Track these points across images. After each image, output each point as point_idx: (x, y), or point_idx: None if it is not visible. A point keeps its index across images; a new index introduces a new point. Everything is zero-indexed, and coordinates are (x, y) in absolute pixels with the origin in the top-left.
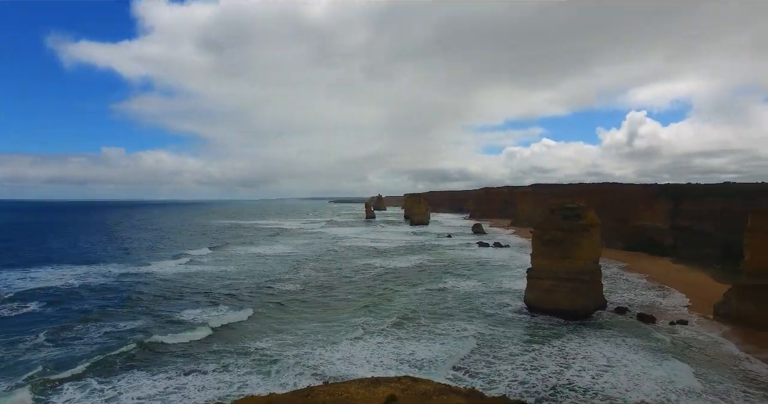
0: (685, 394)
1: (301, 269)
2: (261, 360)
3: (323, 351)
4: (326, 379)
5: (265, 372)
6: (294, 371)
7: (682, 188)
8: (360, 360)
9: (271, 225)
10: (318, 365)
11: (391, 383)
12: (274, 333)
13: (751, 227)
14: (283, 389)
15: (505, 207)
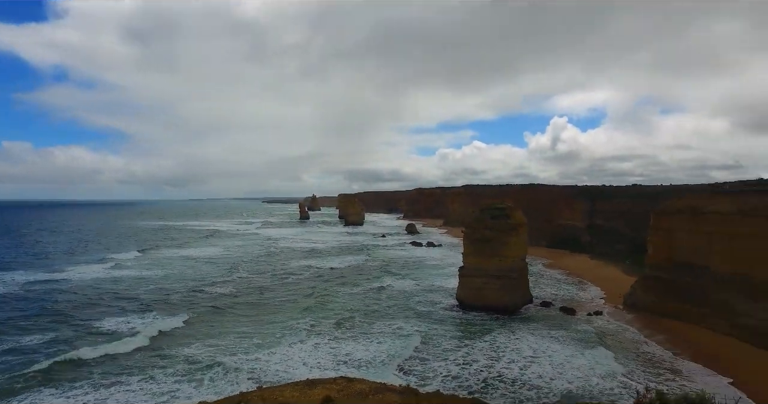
0: (602, 378)
1: (236, 272)
2: (193, 368)
3: (260, 356)
4: (261, 384)
5: (197, 379)
6: (229, 377)
7: (598, 189)
8: (297, 362)
9: (204, 227)
10: (254, 370)
11: (327, 384)
12: (208, 339)
13: (652, 226)
14: (217, 397)
15: (438, 207)
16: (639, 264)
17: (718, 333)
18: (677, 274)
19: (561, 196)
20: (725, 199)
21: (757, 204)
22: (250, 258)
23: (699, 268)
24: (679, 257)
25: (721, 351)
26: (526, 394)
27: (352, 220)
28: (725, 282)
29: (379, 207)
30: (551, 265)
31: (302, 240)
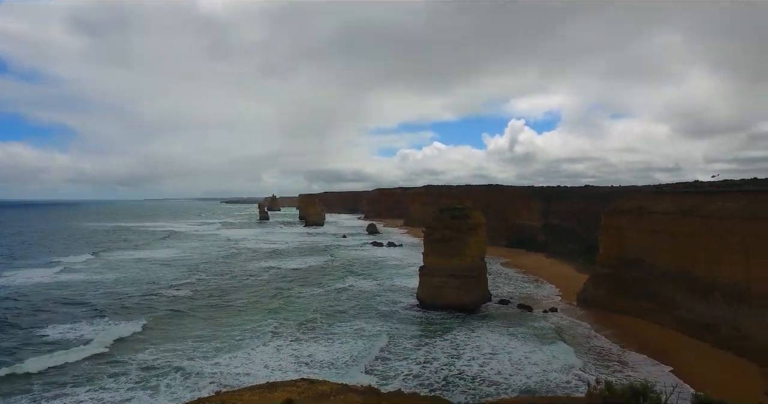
0: (559, 372)
1: (195, 274)
2: (148, 375)
3: (220, 359)
4: (220, 389)
5: (153, 386)
6: (188, 383)
7: (553, 190)
8: (259, 365)
9: (161, 228)
10: (215, 374)
11: (288, 387)
12: (166, 344)
13: (603, 225)
14: (175, 403)
15: (399, 207)
16: (591, 262)
17: (662, 326)
18: (626, 271)
19: (518, 196)
20: (667, 199)
21: (693, 205)
22: (209, 259)
23: (646, 265)
24: (628, 255)
25: (663, 342)
26: (486, 390)
27: (312, 221)
28: (668, 278)
29: (340, 208)
30: (509, 264)
31: (263, 241)
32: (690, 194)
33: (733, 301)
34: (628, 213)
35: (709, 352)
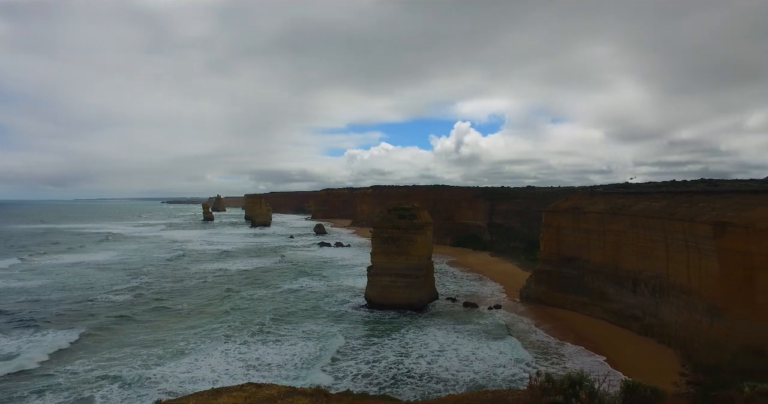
0: (504, 367)
1: (136, 278)
2: (81, 388)
3: (163, 367)
4: (160, 399)
5: (86, 399)
6: (127, 393)
7: (497, 191)
8: (205, 371)
9: (97, 230)
10: (157, 382)
11: (233, 392)
12: (101, 354)
13: (543, 223)
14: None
15: (346, 207)
16: (533, 259)
17: (595, 318)
18: (564, 267)
19: (464, 196)
20: (600, 200)
21: (622, 205)
22: (153, 262)
23: (581, 261)
24: (566, 252)
25: (596, 333)
26: (434, 387)
27: (259, 221)
28: (600, 273)
29: (287, 208)
30: (455, 263)
31: (208, 242)
32: (620, 195)
33: (656, 292)
34: (565, 213)
35: (635, 340)
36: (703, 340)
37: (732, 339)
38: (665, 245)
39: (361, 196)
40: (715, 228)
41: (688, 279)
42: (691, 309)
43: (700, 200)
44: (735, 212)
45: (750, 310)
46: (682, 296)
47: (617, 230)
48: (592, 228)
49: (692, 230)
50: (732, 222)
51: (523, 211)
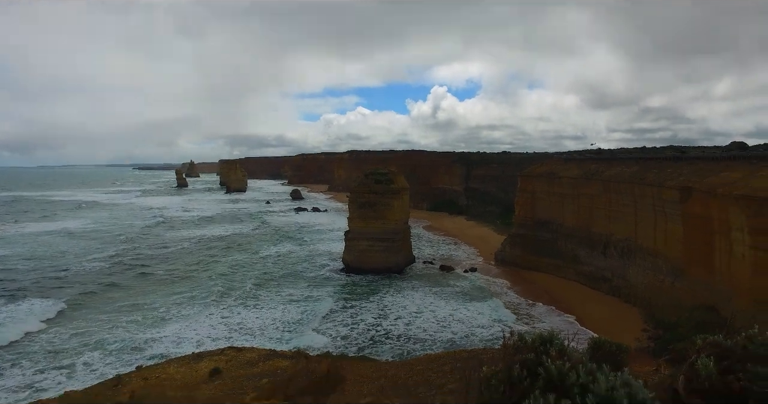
0: (481, 327)
1: (116, 246)
2: (61, 356)
3: (145, 335)
4: (142, 364)
5: (67, 366)
6: (109, 360)
7: (473, 156)
8: (189, 336)
9: (69, 198)
10: (142, 349)
11: (214, 356)
12: (81, 322)
13: (519, 188)
14: (94, 382)
15: (323, 173)
16: (508, 223)
17: (567, 280)
18: (538, 231)
19: (441, 161)
20: (574, 165)
21: (595, 170)
22: (131, 230)
23: (555, 225)
24: (540, 216)
25: (567, 294)
26: (412, 347)
27: (234, 187)
28: (572, 236)
29: (263, 174)
30: (432, 227)
31: (184, 209)
32: (593, 161)
33: (624, 254)
34: (540, 178)
35: (603, 300)
36: (665, 299)
37: (690, 297)
38: (635, 209)
39: (338, 161)
40: (681, 193)
41: (654, 242)
42: (656, 271)
43: (668, 166)
44: (699, 178)
45: (708, 271)
46: (649, 258)
47: (590, 195)
48: (566, 193)
49: (660, 195)
50: (696, 188)
51: (498, 176)
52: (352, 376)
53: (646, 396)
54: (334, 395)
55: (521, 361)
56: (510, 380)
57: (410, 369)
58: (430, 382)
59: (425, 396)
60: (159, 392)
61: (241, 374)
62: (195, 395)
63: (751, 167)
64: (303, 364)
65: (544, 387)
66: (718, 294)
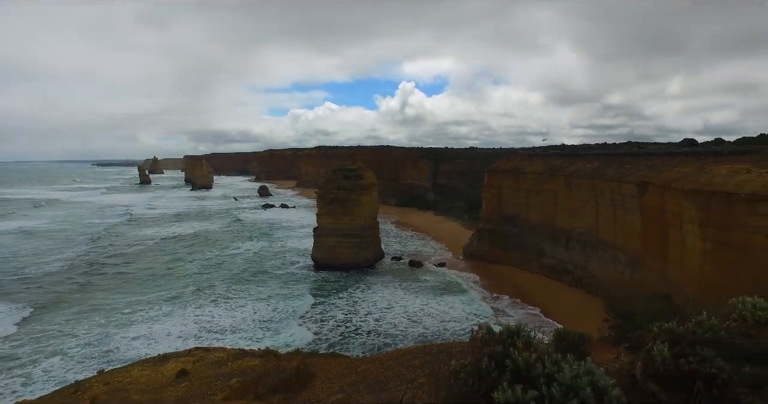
0: (452, 321)
1: (77, 246)
2: (16, 364)
3: (110, 338)
4: (103, 368)
5: (24, 375)
6: (70, 365)
7: (441, 151)
8: (159, 336)
9: (26, 196)
10: (109, 352)
11: (181, 357)
12: (38, 327)
13: (485, 184)
14: (53, 389)
15: (291, 168)
16: (475, 218)
17: (533, 273)
18: (504, 226)
19: (408, 157)
20: (538, 161)
21: (559, 166)
22: (98, 228)
23: (520, 220)
24: (506, 211)
25: (533, 287)
26: (383, 341)
27: (200, 184)
28: (537, 230)
29: (230, 170)
30: (400, 222)
31: (150, 206)
32: (557, 156)
33: (586, 247)
34: (506, 173)
35: (567, 291)
36: (624, 289)
37: (647, 287)
38: (595, 203)
39: (306, 156)
40: (639, 188)
41: (614, 235)
42: (615, 262)
43: (627, 162)
44: (655, 173)
45: (662, 262)
46: (609, 250)
47: (553, 190)
48: (530, 188)
49: (620, 189)
50: (652, 182)
51: (466, 172)
52: (322, 373)
53: (607, 383)
54: (305, 392)
55: (489, 354)
56: (479, 372)
57: (381, 365)
58: (401, 377)
59: (396, 391)
60: (123, 396)
61: (210, 374)
62: (161, 398)
63: (699, 162)
64: (273, 363)
65: (512, 379)
66: (672, 283)
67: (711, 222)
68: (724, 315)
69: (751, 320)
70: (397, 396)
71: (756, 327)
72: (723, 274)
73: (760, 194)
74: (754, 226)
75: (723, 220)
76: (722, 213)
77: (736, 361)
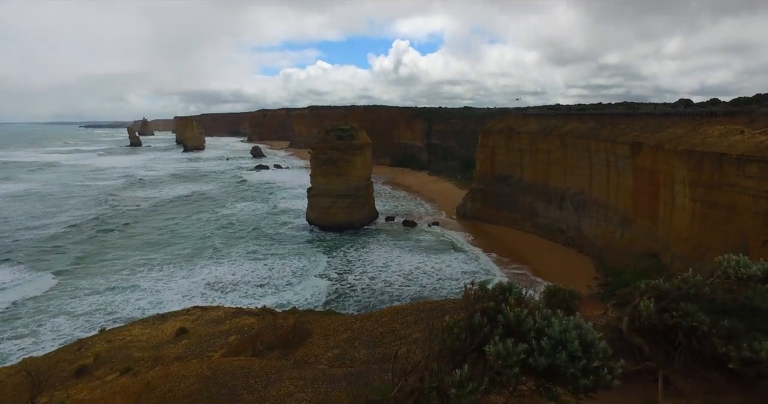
0: (447, 280)
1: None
2: (21, 323)
3: (115, 296)
4: (104, 326)
5: (31, 333)
6: (77, 324)
7: (434, 111)
8: (167, 294)
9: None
10: (113, 312)
11: (180, 316)
12: (47, 288)
13: (479, 143)
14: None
15: (283, 129)
16: (469, 178)
17: (525, 232)
18: (498, 186)
19: (402, 117)
20: (533, 121)
21: (553, 126)
22: (95, 192)
23: (513, 180)
24: (500, 171)
25: (525, 246)
26: (379, 299)
27: (192, 145)
28: (530, 190)
29: (221, 131)
30: (394, 183)
31: (138, 168)
32: (552, 116)
33: (579, 207)
34: (500, 133)
35: (559, 250)
36: (615, 248)
37: (636, 246)
38: (589, 164)
39: (298, 117)
40: (633, 148)
41: (606, 195)
42: (607, 222)
43: (621, 122)
44: (649, 133)
45: (652, 222)
46: (601, 210)
47: (547, 150)
48: (524, 148)
49: (613, 150)
50: (645, 143)
51: (459, 132)
52: (318, 330)
53: (594, 336)
54: (302, 348)
55: (482, 309)
56: (471, 327)
57: (376, 322)
58: (396, 333)
59: (390, 346)
60: (125, 354)
61: (208, 332)
62: (162, 355)
63: (693, 123)
64: (270, 321)
65: (503, 333)
66: (661, 242)
67: (701, 183)
68: (709, 272)
69: (734, 277)
70: (391, 351)
71: (738, 283)
72: (710, 233)
73: (750, 155)
74: (742, 186)
75: (713, 181)
76: (713, 173)
77: (716, 315)
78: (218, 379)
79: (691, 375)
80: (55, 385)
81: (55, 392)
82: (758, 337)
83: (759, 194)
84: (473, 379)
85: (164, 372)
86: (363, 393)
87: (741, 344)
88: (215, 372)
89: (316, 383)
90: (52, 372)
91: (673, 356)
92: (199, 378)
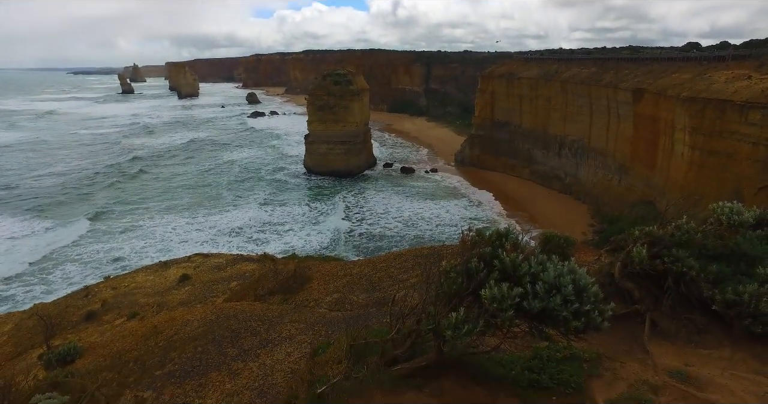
0: (445, 225)
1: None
2: (31, 270)
3: (120, 243)
4: (109, 274)
5: (41, 281)
6: (86, 271)
7: (433, 55)
8: (172, 243)
9: (19, 106)
10: (120, 258)
11: (182, 263)
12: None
13: (479, 89)
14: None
15: (279, 74)
16: (468, 124)
17: (523, 179)
18: (496, 132)
19: (400, 61)
20: (534, 66)
21: (555, 71)
22: (104, 140)
23: (512, 126)
24: (499, 117)
25: (523, 193)
26: (377, 244)
27: (186, 92)
28: (529, 136)
29: (215, 77)
30: (392, 129)
31: (130, 115)
32: (554, 61)
33: (577, 154)
34: (500, 78)
35: (556, 198)
36: (611, 195)
37: (632, 193)
38: (590, 110)
39: (294, 61)
40: (634, 95)
41: (605, 143)
42: (605, 169)
43: (624, 67)
44: (652, 79)
45: (650, 169)
46: (599, 158)
47: (548, 96)
48: (524, 94)
49: (615, 96)
50: (648, 89)
51: (459, 77)
52: (318, 276)
53: (587, 281)
54: (302, 293)
55: (479, 255)
56: (468, 272)
57: (374, 267)
58: (394, 278)
59: (389, 290)
60: (130, 300)
61: (210, 278)
62: (166, 300)
63: (700, 68)
64: (270, 266)
65: (499, 278)
66: (657, 190)
67: (702, 131)
68: (703, 219)
69: (726, 224)
70: (389, 295)
71: (729, 230)
72: (706, 181)
73: (755, 102)
74: (742, 134)
75: (714, 128)
76: (714, 121)
77: (706, 260)
78: (222, 323)
79: (677, 317)
80: (67, 329)
81: (68, 335)
82: (743, 281)
83: (759, 142)
84: (469, 322)
85: (169, 317)
86: (362, 335)
87: (726, 287)
88: (218, 316)
89: (317, 326)
90: (63, 316)
91: (661, 299)
92: (204, 322)
